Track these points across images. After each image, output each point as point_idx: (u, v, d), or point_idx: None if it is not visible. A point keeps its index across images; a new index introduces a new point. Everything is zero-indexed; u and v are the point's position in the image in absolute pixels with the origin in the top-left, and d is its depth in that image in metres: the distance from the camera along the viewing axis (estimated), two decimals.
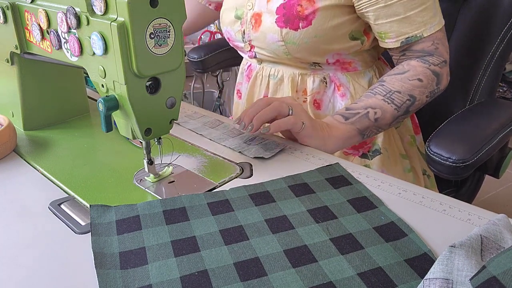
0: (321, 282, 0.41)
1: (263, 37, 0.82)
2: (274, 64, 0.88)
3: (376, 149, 0.86)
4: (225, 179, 0.58)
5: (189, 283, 0.40)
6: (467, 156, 0.65)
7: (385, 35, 0.76)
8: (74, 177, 0.59)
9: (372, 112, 0.73)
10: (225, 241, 0.46)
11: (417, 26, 0.74)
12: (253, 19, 0.84)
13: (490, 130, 0.72)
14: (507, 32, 0.85)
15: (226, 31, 0.93)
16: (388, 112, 0.74)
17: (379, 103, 0.74)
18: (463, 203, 0.53)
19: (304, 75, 0.86)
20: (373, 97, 0.74)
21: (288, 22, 0.78)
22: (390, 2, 0.72)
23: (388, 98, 0.74)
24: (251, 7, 0.85)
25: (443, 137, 0.70)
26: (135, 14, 0.45)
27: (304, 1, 0.76)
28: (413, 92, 0.75)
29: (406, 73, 0.76)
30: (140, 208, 0.51)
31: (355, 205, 0.52)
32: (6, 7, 0.62)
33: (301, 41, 0.78)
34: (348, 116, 0.73)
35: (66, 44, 0.55)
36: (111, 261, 0.43)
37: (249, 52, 0.89)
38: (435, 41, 0.76)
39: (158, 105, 0.52)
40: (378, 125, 0.74)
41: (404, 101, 0.74)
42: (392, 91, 0.74)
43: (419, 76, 0.75)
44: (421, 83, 0.75)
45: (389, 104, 0.74)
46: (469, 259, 0.37)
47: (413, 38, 0.75)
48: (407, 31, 0.74)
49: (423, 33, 0.74)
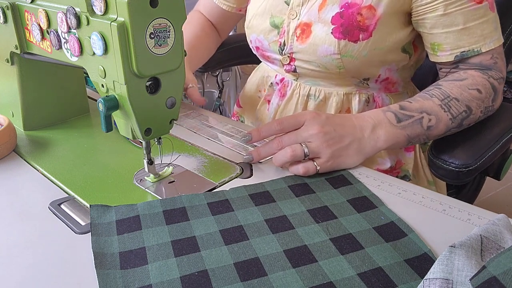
0: (321, 282, 0.41)
1: (313, 49, 0.74)
2: (313, 82, 0.81)
3: (405, 174, 0.82)
4: (225, 179, 0.58)
5: (189, 283, 0.40)
6: (470, 161, 0.64)
7: (439, 47, 0.70)
8: (74, 177, 0.59)
9: (426, 119, 0.64)
10: (225, 241, 0.46)
11: (476, 39, 0.68)
12: (299, 29, 0.76)
13: (493, 134, 0.70)
14: (509, 35, 0.85)
15: (256, 39, 0.84)
16: (443, 122, 0.65)
17: (435, 109, 0.65)
18: (463, 203, 0.53)
19: (349, 94, 0.79)
20: (430, 100, 0.66)
21: (347, 33, 0.71)
22: (450, 10, 0.66)
23: (446, 104, 0.65)
24: (296, 16, 0.76)
25: (446, 142, 0.68)
26: (135, 14, 0.45)
27: (364, 9, 0.70)
28: (470, 104, 0.66)
29: (465, 81, 0.68)
30: (140, 208, 0.51)
31: (355, 205, 0.52)
32: (6, 7, 0.62)
33: (359, 54, 0.72)
34: (401, 118, 0.64)
35: (66, 44, 0.55)
36: (111, 261, 0.43)
37: (287, 66, 0.81)
38: (494, 55, 0.70)
39: (158, 105, 0.52)
40: (429, 134, 0.66)
41: (460, 112, 0.66)
42: (451, 97, 0.66)
43: (479, 86, 0.67)
44: (480, 95, 0.67)
45: (446, 112, 0.65)
46: (469, 259, 0.37)
47: (469, 53, 0.68)
48: (464, 44, 0.68)
49: (481, 48, 0.68)
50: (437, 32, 0.69)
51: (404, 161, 0.83)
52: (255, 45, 0.86)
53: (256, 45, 0.85)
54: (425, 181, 0.86)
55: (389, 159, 0.81)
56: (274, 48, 0.81)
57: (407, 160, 0.83)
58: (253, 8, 0.84)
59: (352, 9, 0.71)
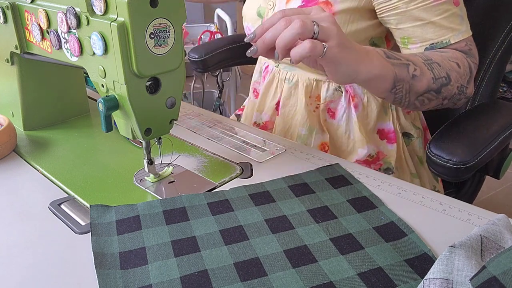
0: (321, 282, 0.41)
1: None
2: (290, 68, 0.86)
3: (388, 167, 0.84)
4: (225, 179, 0.58)
5: (189, 283, 0.40)
6: (468, 158, 0.64)
7: (408, 40, 0.72)
8: (74, 177, 0.59)
9: (412, 67, 0.64)
10: (225, 241, 0.46)
11: (444, 32, 0.69)
12: None
13: (491, 132, 0.71)
14: (508, 34, 0.85)
15: (247, 27, 0.90)
16: (426, 77, 0.65)
17: (420, 64, 0.66)
18: (463, 203, 0.53)
19: (319, 82, 0.83)
20: (414, 57, 0.66)
21: None
22: (411, 7, 0.68)
23: (429, 64, 0.66)
24: (272, 7, 0.82)
25: (444, 139, 0.69)
26: (135, 14, 0.45)
27: (321, 4, 0.73)
28: (450, 73, 0.67)
29: (446, 53, 0.69)
30: (140, 208, 0.51)
31: (355, 205, 0.52)
32: (6, 7, 0.62)
33: None
34: (390, 56, 0.63)
35: (66, 44, 0.55)
36: (111, 261, 0.43)
37: None
38: (468, 43, 0.71)
39: (158, 105, 0.52)
40: (412, 85, 0.65)
41: (441, 76, 0.66)
42: (433, 61, 0.67)
43: (458, 61, 0.69)
44: (459, 69, 0.69)
45: (429, 70, 0.66)
46: (469, 259, 0.37)
47: (438, 45, 0.70)
48: (432, 37, 0.70)
49: (450, 40, 0.69)
50: (404, 27, 0.71)
51: (387, 153, 0.84)
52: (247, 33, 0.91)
53: (248, 32, 0.91)
54: (408, 173, 0.86)
55: (367, 147, 0.82)
56: None
57: (390, 152, 0.84)
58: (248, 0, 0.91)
59: (310, 4, 0.75)
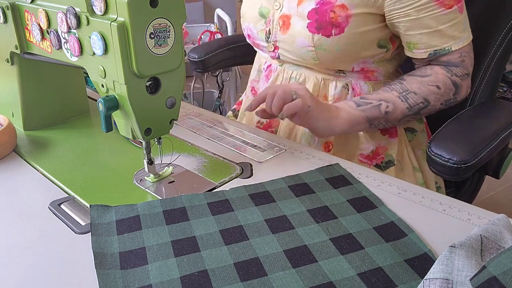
0: (321, 282, 0.41)
1: (292, 40, 0.80)
2: (296, 67, 0.86)
3: (389, 160, 0.85)
4: (225, 179, 0.58)
5: (189, 283, 0.40)
6: (468, 157, 0.65)
7: (414, 46, 0.77)
8: (74, 177, 0.59)
9: (384, 105, 0.75)
10: (225, 241, 0.46)
11: (447, 39, 0.74)
12: (281, 20, 0.81)
13: (491, 131, 0.72)
14: (507, 33, 0.85)
15: (247, 27, 0.90)
16: (399, 109, 0.76)
17: (393, 99, 0.75)
18: (463, 203, 0.53)
19: (326, 80, 0.84)
20: (389, 92, 0.76)
21: (320, 28, 0.76)
22: (422, 15, 0.72)
23: (404, 96, 0.76)
24: (279, 7, 0.82)
25: (444, 138, 0.69)
26: (135, 14, 0.45)
27: (337, 8, 0.75)
28: (428, 97, 0.76)
29: (427, 77, 0.77)
30: (140, 208, 0.51)
31: (355, 205, 0.52)
32: (6, 7, 0.62)
33: (332, 48, 0.77)
34: (360, 103, 0.75)
35: (66, 44, 0.55)
36: (111, 261, 0.43)
37: (271, 53, 0.87)
38: (462, 54, 0.76)
39: (158, 105, 0.52)
40: (388, 118, 0.76)
41: (417, 103, 0.76)
42: (409, 91, 0.76)
43: (439, 83, 0.76)
44: (439, 90, 0.76)
45: (403, 102, 0.75)
46: (469, 259, 0.37)
47: (441, 51, 0.75)
48: (436, 44, 0.75)
49: (452, 47, 0.75)
50: (411, 34, 0.75)
51: (388, 146, 0.85)
52: (247, 33, 0.92)
53: (248, 33, 0.91)
54: (410, 167, 0.88)
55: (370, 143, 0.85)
56: (261, 36, 0.87)
57: (391, 145, 0.85)
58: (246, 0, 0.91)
59: (326, 7, 0.75)
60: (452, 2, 0.72)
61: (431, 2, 0.71)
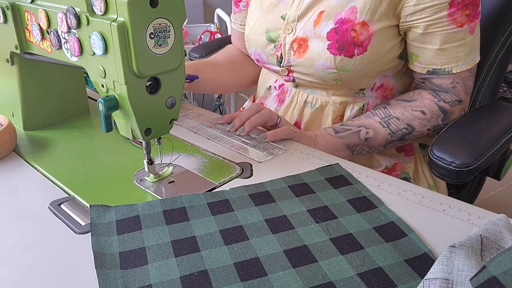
0: (321, 282, 0.41)
1: (310, 63, 0.77)
2: (312, 90, 0.83)
3: (405, 177, 0.84)
4: (225, 179, 0.58)
5: (189, 283, 0.40)
6: (470, 161, 0.64)
7: (416, 58, 0.75)
8: (74, 177, 0.59)
9: (364, 131, 0.75)
10: (225, 241, 0.46)
11: (449, 60, 0.72)
12: (296, 44, 0.78)
13: (493, 134, 0.71)
14: (509, 35, 0.85)
15: (255, 52, 0.87)
16: (381, 135, 0.75)
17: (374, 125, 0.75)
18: (463, 203, 0.53)
19: (344, 103, 0.81)
20: (371, 118, 0.76)
21: (342, 49, 0.73)
22: (431, 30, 0.70)
23: (385, 122, 0.75)
24: (292, 31, 0.79)
25: (446, 141, 0.69)
26: (135, 14, 0.45)
27: (358, 26, 0.72)
28: (412, 123, 0.75)
29: (412, 102, 0.76)
30: (140, 208, 0.51)
31: (355, 205, 0.52)
32: (6, 7, 0.62)
33: (355, 68, 0.74)
34: (339, 130, 0.75)
35: (66, 44, 0.55)
36: (111, 261, 0.43)
37: (285, 76, 0.83)
38: (455, 80, 0.74)
39: (158, 105, 0.52)
40: (369, 145, 0.76)
41: (400, 128, 0.75)
42: (391, 116, 0.75)
43: (424, 109, 0.75)
44: (424, 115, 0.75)
45: (384, 127, 0.75)
46: (469, 259, 0.37)
47: (440, 71, 0.73)
48: (437, 63, 0.73)
49: (452, 69, 0.72)
50: (415, 45, 0.74)
51: (405, 165, 0.84)
52: (255, 58, 0.89)
53: (256, 57, 0.88)
54: (426, 184, 0.87)
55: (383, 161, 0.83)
56: (272, 60, 0.84)
57: (408, 163, 0.84)
58: (250, 23, 0.87)
59: (346, 25, 0.72)
60: (464, 20, 0.69)
61: (444, 18, 0.69)
